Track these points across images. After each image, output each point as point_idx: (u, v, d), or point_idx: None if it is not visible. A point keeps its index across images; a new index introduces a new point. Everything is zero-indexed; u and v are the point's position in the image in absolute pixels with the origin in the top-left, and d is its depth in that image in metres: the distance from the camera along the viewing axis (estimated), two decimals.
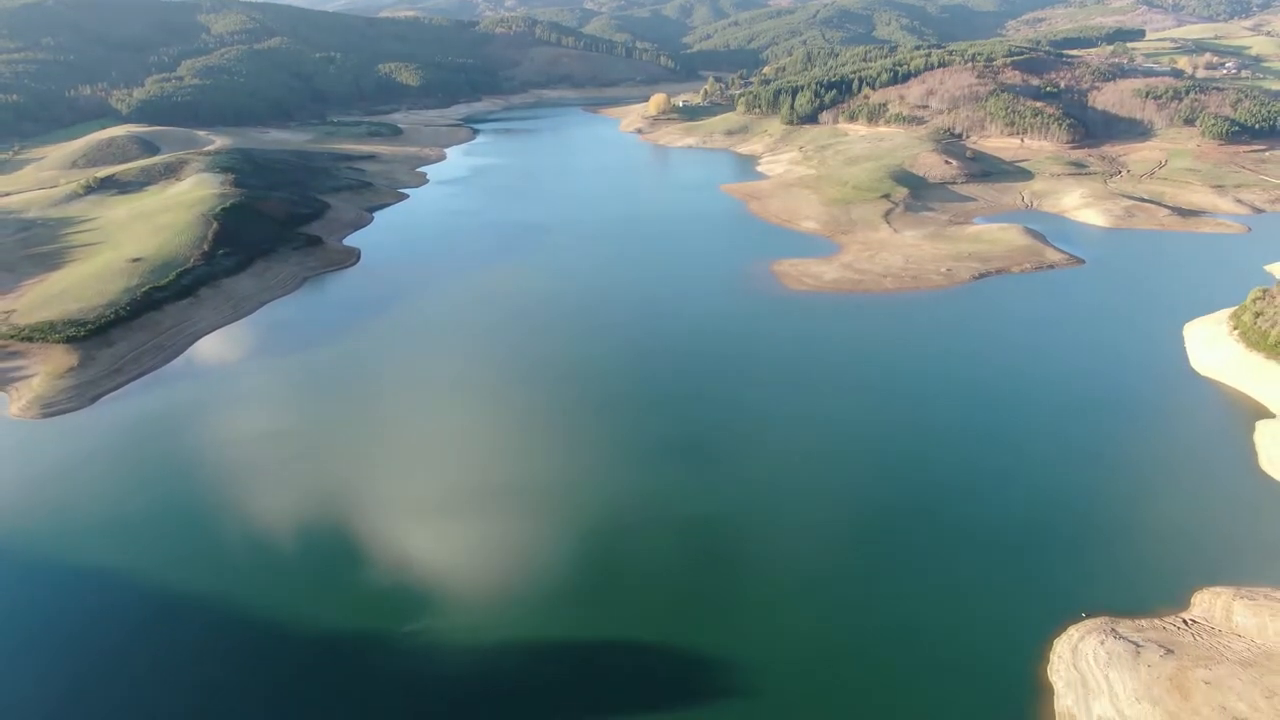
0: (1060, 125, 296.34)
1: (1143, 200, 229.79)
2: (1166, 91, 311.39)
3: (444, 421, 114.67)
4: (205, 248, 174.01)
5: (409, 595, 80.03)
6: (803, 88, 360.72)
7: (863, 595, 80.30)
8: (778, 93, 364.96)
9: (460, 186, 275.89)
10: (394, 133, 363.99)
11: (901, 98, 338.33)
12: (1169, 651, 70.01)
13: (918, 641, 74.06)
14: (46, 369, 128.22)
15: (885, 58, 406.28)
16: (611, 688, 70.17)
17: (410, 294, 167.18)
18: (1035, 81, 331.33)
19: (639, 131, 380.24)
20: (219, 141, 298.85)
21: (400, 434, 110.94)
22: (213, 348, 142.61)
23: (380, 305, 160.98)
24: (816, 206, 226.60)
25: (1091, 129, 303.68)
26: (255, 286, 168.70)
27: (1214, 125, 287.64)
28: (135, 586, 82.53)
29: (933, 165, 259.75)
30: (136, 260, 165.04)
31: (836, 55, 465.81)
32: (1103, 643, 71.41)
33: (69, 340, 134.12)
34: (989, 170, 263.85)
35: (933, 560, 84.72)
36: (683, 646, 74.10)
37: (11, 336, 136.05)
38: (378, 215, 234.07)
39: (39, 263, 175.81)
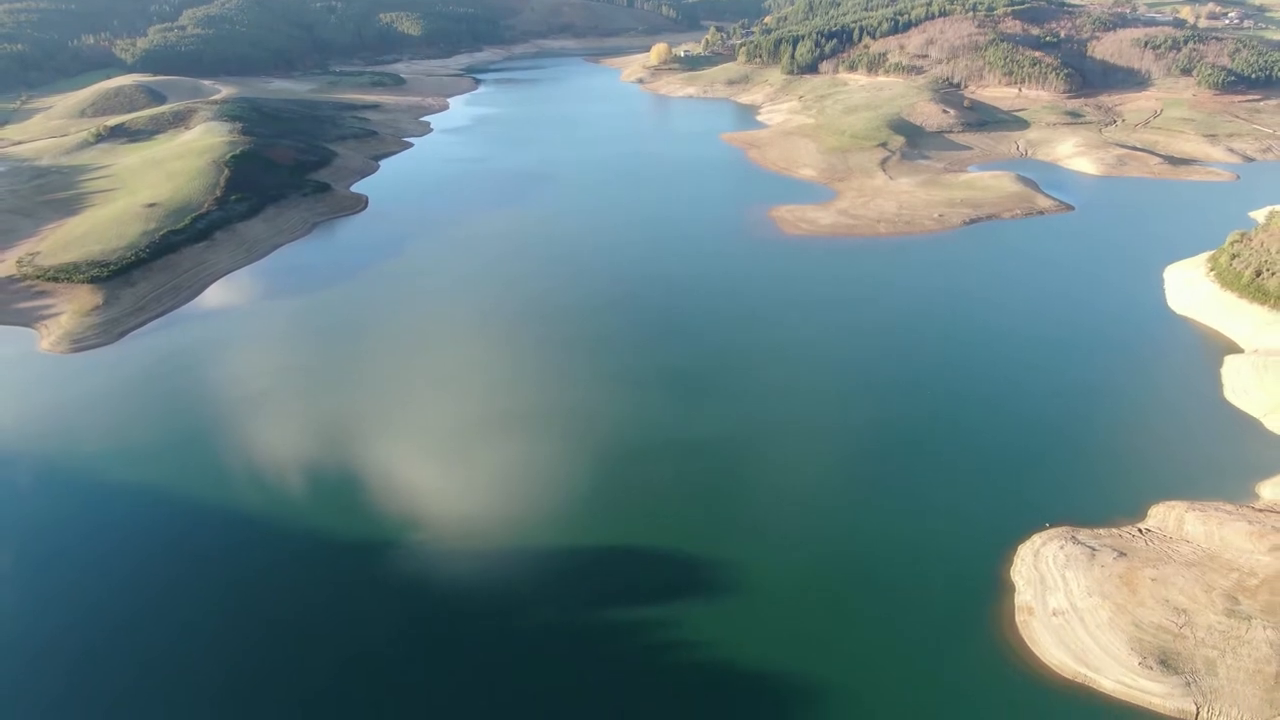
0: (1058, 75, 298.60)
1: (1135, 149, 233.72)
2: (1165, 41, 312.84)
3: (453, 355, 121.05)
4: (218, 193, 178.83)
5: (420, 509, 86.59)
6: (803, 37, 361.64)
7: (850, 508, 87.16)
8: (778, 42, 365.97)
9: (464, 135, 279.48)
10: (397, 83, 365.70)
11: (901, 47, 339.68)
12: (1122, 554, 76.72)
13: (898, 548, 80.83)
14: (73, 307, 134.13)
15: (886, 7, 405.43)
16: (617, 589, 76.83)
17: (418, 237, 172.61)
18: (1035, 31, 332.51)
19: (640, 81, 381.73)
20: (224, 91, 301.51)
21: (412, 367, 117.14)
22: (229, 288, 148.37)
23: (389, 248, 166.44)
24: (814, 154, 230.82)
25: (1089, 78, 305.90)
26: (267, 231, 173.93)
27: (1210, 75, 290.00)
28: (167, 502, 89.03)
29: (930, 114, 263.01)
30: (152, 205, 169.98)
31: (838, 4, 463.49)
32: (1062, 547, 78.09)
33: (93, 280, 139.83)
34: (986, 119, 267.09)
35: (916, 477, 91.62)
36: (683, 553, 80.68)
37: (38, 277, 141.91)
38: (383, 163, 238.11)
39: (57, 208, 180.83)
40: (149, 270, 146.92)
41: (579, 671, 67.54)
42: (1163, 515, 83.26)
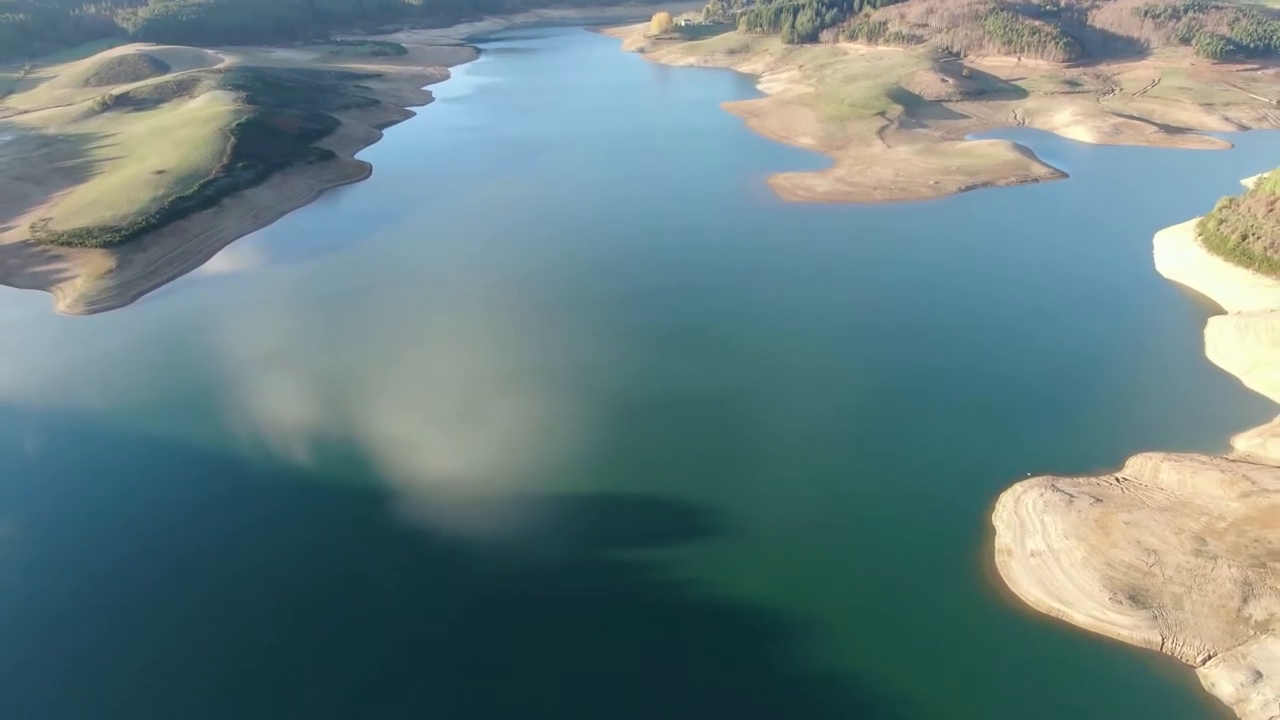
0: (1057, 44, 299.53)
1: (1132, 118, 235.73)
2: (1165, 10, 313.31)
3: (462, 315, 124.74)
4: (225, 161, 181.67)
5: (431, 461, 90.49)
6: (804, 6, 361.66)
7: (844, 458, 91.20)
8: (779, 11, 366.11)
9: (466, 105, 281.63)
10: (398, 52, 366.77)
11: (902, 16, 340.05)
12: (1098, 501, 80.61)
13: (888, 495, 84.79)
14: (87, 271, 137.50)
15: None
16: (623, 530, 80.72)
17: (422, 204, 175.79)
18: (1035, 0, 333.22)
19: (641, 51, 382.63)
20: (227, 60, 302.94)
21: (419, 328, 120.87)
22: (239, 253, 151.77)
23: (394, 215, 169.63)
24: (813, 123, 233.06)
25: (1089, 47, 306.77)
26: (274, 198, 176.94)
27: (1209, 44, 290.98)
28: (184, 451, 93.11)
29: (929, 83, 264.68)
30: (161, 172, 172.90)
31: None
32: (1042, 494, 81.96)
33: (105, 245, 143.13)
34: (984, 89, 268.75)
35: (906, 429, 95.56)
36: (686, 499, 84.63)
37: (51, 241, 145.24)
38: (386, 132, 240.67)
39: (66, 175, 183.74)
40: (160, 235, 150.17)
41: (589, 604, 71.65)
42: (1140, 465, 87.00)
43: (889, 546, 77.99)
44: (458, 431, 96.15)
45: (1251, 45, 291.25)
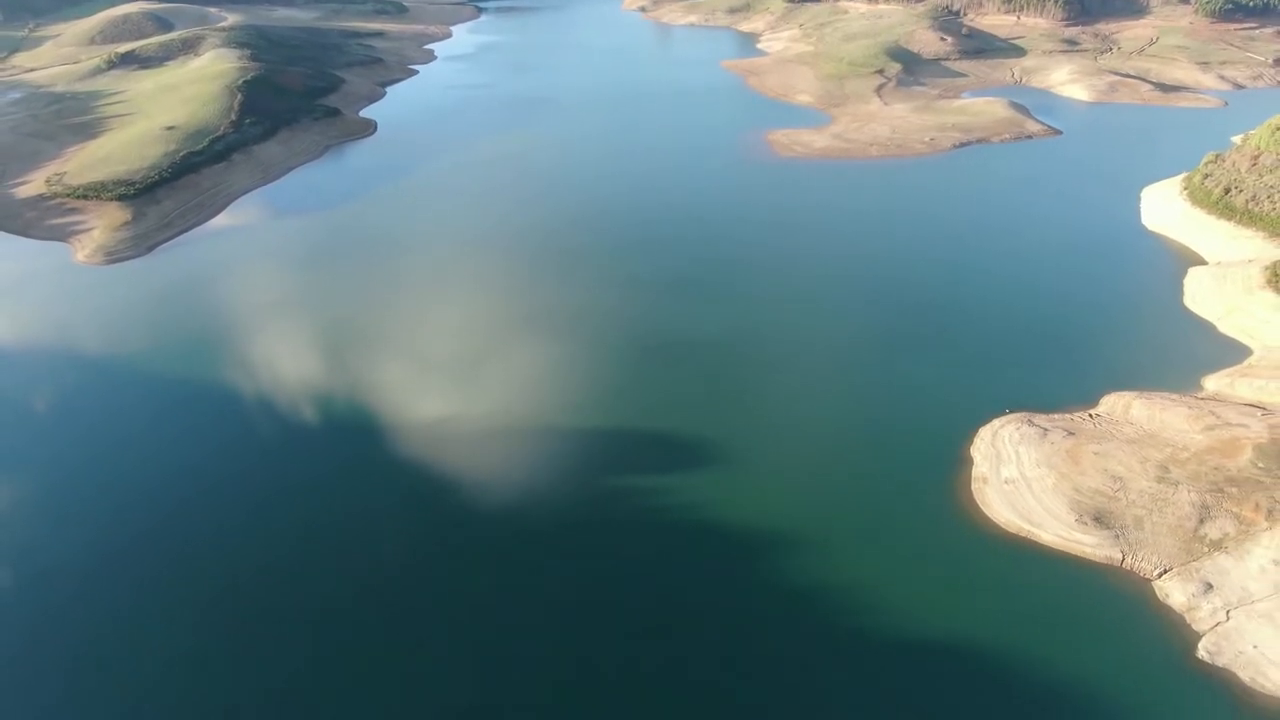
0: (1056, 3, 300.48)
1: (1128, 76, 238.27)
2: None
3: (469, 264, 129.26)
4: (233, 117, 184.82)
5: (441, 400, 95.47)
6: None
7: (835, 395, 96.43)
8: None
9: (468, 63, 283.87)
10: (400, 10, 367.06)
11: None
12: (1071, 434, 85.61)
13: (874, 429, 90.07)
14: (104, 223, 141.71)
15: None
16: (630, 459, 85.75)
17: (428, 160, 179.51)
18: None
19: (642, 9, 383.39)
20: (230, 19, 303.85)
21: (427, 276, 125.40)
22: (250, 207, 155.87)
23: (400, 170, 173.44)
24: (812, 81, 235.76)
25: (1088, 6, 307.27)
26: (282, 153, 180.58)
27: (1208, 3, 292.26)
28: (211, 390, 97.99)
29: (928, 42, 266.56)
30: (171, 128, 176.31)
31: None
32: (1018, 429, 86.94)
33: (120, 198, 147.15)
34: (983, 47, 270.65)
35: (893, 368, 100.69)
36: (686, 432, 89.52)
37: (68, 195, 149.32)
38: (390, 90, 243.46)
39: (77, 132, 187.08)
40: (172, 189, 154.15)
41: (597, 527, 76.81)
42: (1113, 403, 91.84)
43: (875, 475, 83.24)
44: (472, 371, 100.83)
45: (1250, 4, 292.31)
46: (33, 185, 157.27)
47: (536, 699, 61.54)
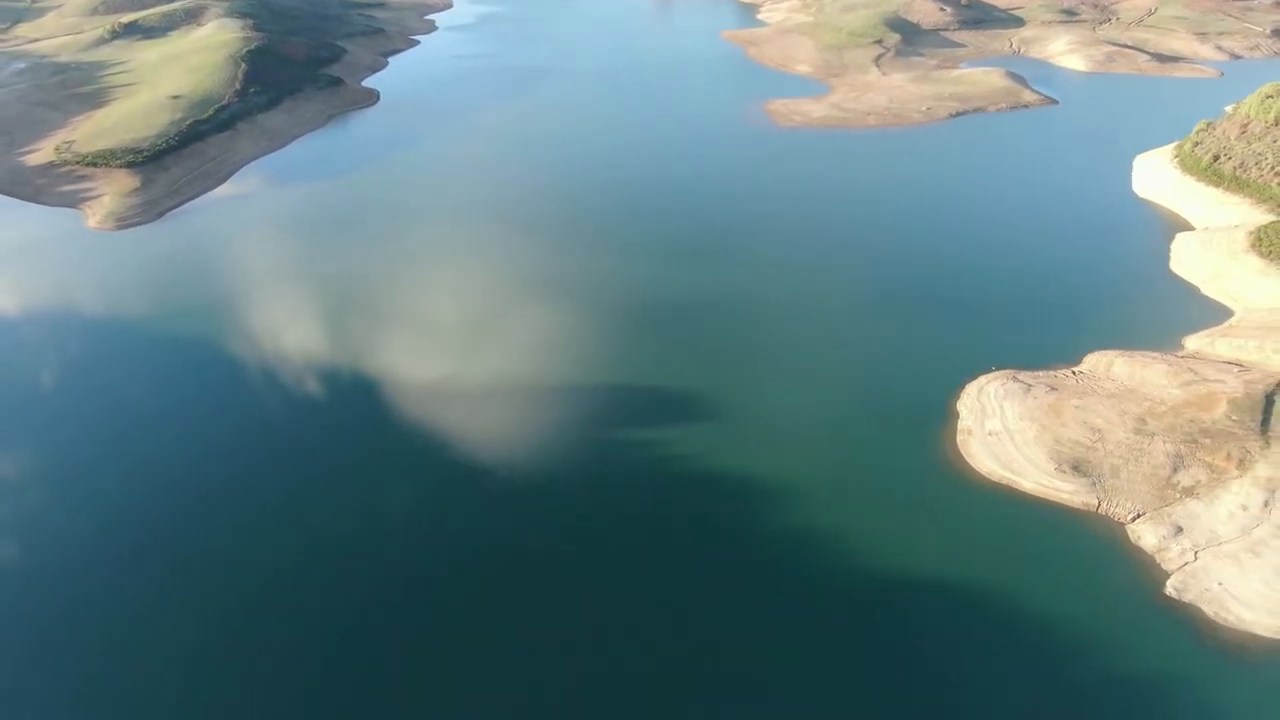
0: None
1: (1125, 47, 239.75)
2: None
3: (473, 230, 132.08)
4: (237, 86, 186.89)
5: (449, 362, 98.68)
6: None
7: (829, 352, 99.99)
8: None
9: (469, 33, 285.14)
10: None
11: None
12: (1054, 390, 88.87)
13: (867, 383, 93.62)
14: (114, 189, 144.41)
15: None
16: (634, 414, 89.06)
17: (430, 129, 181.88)
18: None
19: None
20: None
21: (433, 241, 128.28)
22: (255, 174, 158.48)
23: (403, 139, 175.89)
24: (811, 51, 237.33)
25: None
26: (287, 122, 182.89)
27: None
28: (218, 354, 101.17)
29: (927, 12, 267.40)
30: (176, 97, 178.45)
31: None
32: (1003, 385, 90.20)
33: (129, 165, 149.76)
34: (982, 18, 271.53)
35: (885, 327, 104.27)
36: (688, 387, 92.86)
37: (77, 162, 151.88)
38: (391, 60, 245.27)
39: (83, 101, 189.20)
40: (180, 156, 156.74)
41: (602, 480, 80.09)
42: (1095, 361, 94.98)
43: (865, 428, 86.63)
44: (479, 333, 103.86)
45: None
46: (42, 153, 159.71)
47: (542, 643, 65.18)
